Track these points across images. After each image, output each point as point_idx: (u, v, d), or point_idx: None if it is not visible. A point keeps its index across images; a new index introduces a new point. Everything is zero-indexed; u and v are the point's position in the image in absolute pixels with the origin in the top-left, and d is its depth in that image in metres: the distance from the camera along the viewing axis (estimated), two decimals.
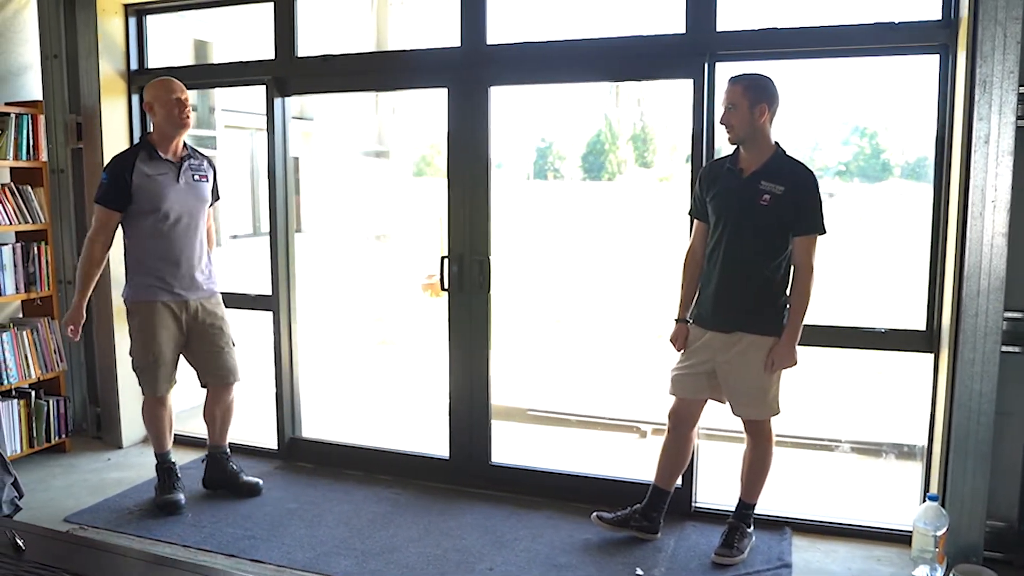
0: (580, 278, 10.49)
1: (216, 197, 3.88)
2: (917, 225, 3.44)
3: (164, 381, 3.73)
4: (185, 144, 3.74)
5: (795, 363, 3.15)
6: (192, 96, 6.09)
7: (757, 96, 3.06)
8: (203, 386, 3.89)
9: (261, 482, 4.01)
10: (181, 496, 3.77)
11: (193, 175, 3.70)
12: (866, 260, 9.20)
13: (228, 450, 4.02)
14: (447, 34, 3.91)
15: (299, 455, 4.37)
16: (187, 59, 5.71)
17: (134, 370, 3.74)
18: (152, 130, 3.71)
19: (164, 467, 3.83)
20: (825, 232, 3.08)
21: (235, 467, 4.01)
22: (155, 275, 3.62)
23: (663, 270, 3.66)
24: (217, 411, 3.93)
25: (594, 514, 3.50)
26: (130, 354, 3.74)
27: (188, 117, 3.64)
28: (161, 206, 3.57)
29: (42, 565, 2.49)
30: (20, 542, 2.57)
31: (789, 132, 3.21)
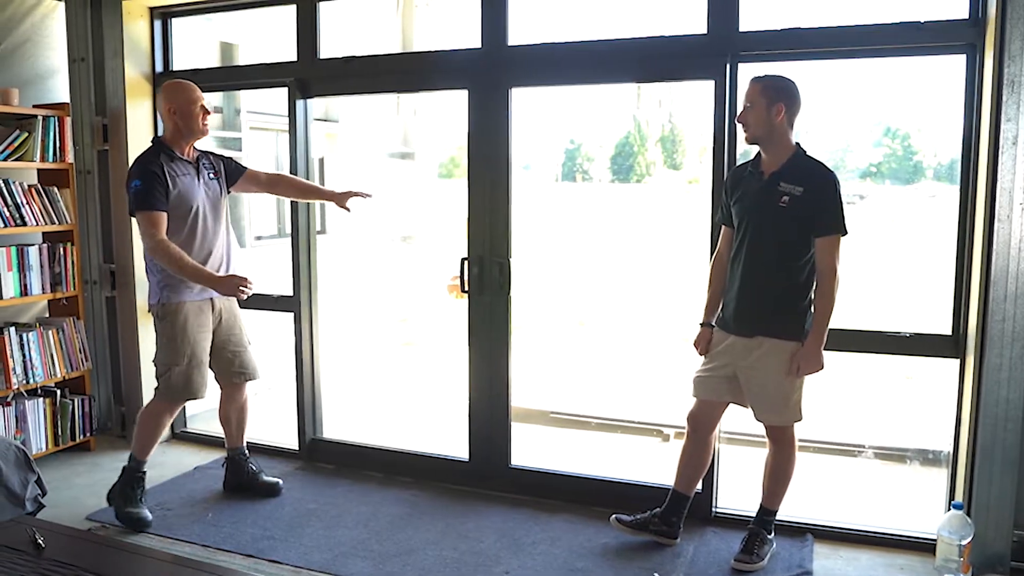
0: (606, 280, 10.45)
1: (242, 168, 3.88)
2: (948, 228, 3.36)
3: (202, 383, 3.67)
4: (194, 146, 3.74)
5: (821, 368, 3.10)
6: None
7: (775, 96, 3.03)
8: (221, 386, 3.90)
9: (280, 482, 4.03)
10: (149, 513, 3.65)
11: (208, 174, 3.71)
12: (897, 263, 9.07)
13: (247, 451, 4.04)
14: (470, 35, 3.90)
15: (320, 456, 4.38)
16: (213, 61, 5.76)
17: (161, 376, 3.62)
18: (164, 133, 3.66)
19: (137, 474, 3.69)
20: (846, 233, 3.03)
21: (254, 467, 4.03)
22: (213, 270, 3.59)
23: (690, 273, 3.62)
24: (232, 411, 3.95)
25: (613, 516, 3.48)
26: (157, 360, 3.64)
27: (207, 124, 3.64)
28: (192, 206, 3.56)
29: (60, 563, 2.52)
30: (40, 540, 2.61)
31: (820, 134, 3.16)
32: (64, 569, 2.48)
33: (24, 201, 4.16)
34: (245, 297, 3.50)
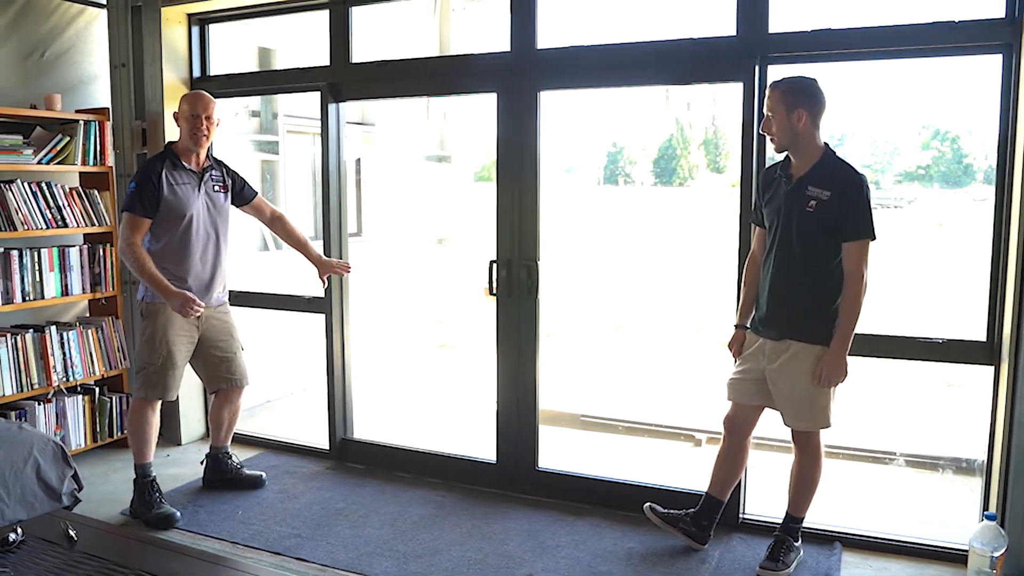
0: (644, 284, 10.40)
1: (253, 193, 3.99)
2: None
3: (173, 385, 3.73)
4: (208, 155, 3.82)
5: (845, 376, 3.05)
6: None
7: (793, 101, 2.98)
8: (212, 392, 4.00)
9: (264, 475, 4.14)
10: (173, 509, 3.72)
11: (213, 186, 3.77)
12: (941, 267, 8.88)
13: (229, 449, 4.14)
14: (504, 39, 3.91)
15: (350, 456, 4.43)
16: (251, 66, 5.84)
17: (138, 372, 3.72)
18: (178, 139, 3.76)
19: (147, 480, 3.75)
20: (875, 238, 2.97)
21: (236, 463, 4.13)
22: (172, 279, 3.60)
23: (728, 277, 3.59)
24: (226, 414, 4.04)
25: (647, 504, 3.47)
26: (136, 357, 3.76)
27: (205, 135, 3.68)
28: (185, 214, 3.63)
29: (91, 556, 2.58)
30: (73, 533, 2.68)
31: (865, 136, 3.11)
32: (94, 562, 2.54)
33: (66, 203, 4.27)
34: (194, 316, 3.60)
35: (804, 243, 3.05)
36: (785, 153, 3.12)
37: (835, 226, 2.98)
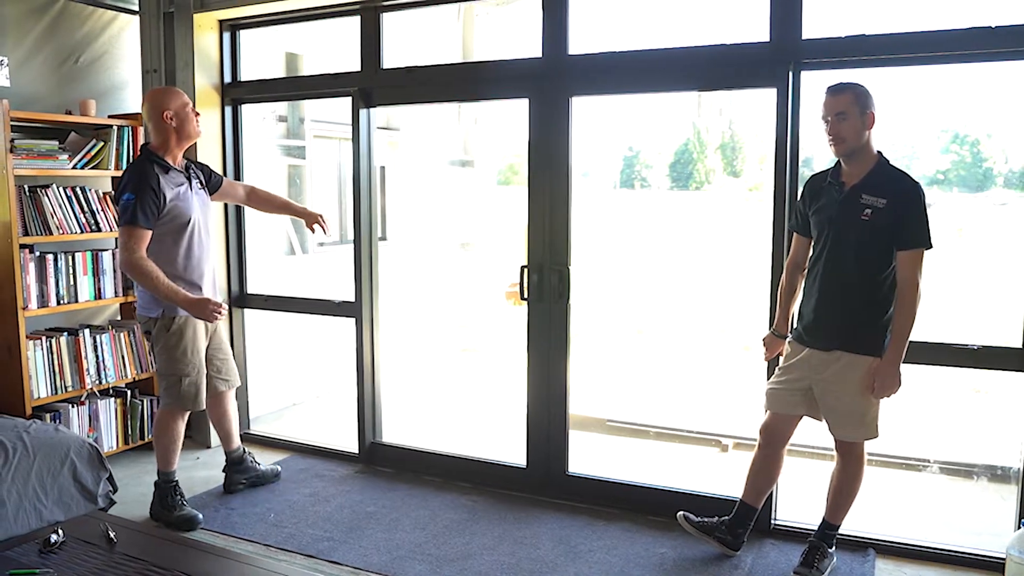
0: (664, 288, 10.38)
1: (220, 179, 3.94)
2: (1021, 236, 3.26)
3: (203, 392, 3.75)
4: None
5: (899, 387, 3.02)
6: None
7: (866, 103, 2.95)
8: (210, 396, 3.91)
9: (280, 468, 4.22)
10: (194, 511, 3.74)
11: (197, 183, 3.72)
12: (966, 273, 8.83)
13: (243, 448, 4.17)
14: (529, 44, 3.92)
15: (379, 460, 4.45)
16: (279, 71, 5.88)
17: (169, 387, 3.66)
18: (154, 141, 3.59)
19: (169, 485, 3.77)
20: (931, 246, 2.93)
21: (253, 460, 4.18)
22: (187, 285, 3.56)
23: (749, 281, 3.58)
24: (229, 416, 4.07)
25: (681, 513, 3.46)
26: (162, 371, 3.66)
27: (199, 127, 3.66)
28: (188, 219, 3.57)
29: (131, 557, 2.61)
30: (112, 534, 2.71)
31: (884, 140, 3.09)
32: (135, 563, 2.57)
33: (99, 208, 4.31)
34: (218, 320, 3.54)
35: (858, 252, 3.01)
36: (836, 161, 3.09)
37: (891, 235, 2.95)
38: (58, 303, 4.15)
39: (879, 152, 3.03)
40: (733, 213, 13.11)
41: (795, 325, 3.28)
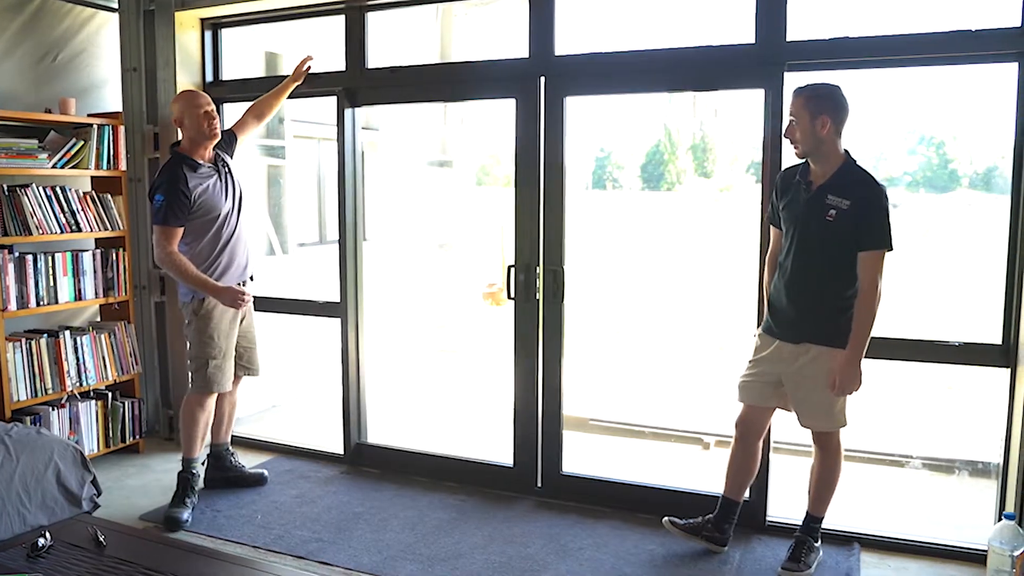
0: (640, 288, 10.42)
1: (233, 136, 4.03)
2: (988, 236, 3.34)
3: (230, 376, 3.84)
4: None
5: (859, 385, 3.07)
6: None
7: (818, 107, 3.00)
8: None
9: (266, 472, 4.20)
10: (184, 514, 3.73)
11: (229, 171, 3.82)
12: (934, 272, 8.98)
13: (230, 446, 4.18)
14: (513, 45, 3.93)
15: (365, 460, 4.43)
16: (259, 71, 5.84)
17: (197, 370, 3.76)
18: (182, 142, 3.74)
19: (190, 473, 3.83)
20: (891, 249, 2.98)
21: (238, 461, 4.17)
22: (219, 275, 3.72)
23: (724, 280, 3.62)
24: (227, 406, 4.09)
25: (666, 518, 3.49)
26: (191, 354, 3.79)
27: (216, 128, 3.71)
28: (218, 212, 3.70)
29: (121, 560, 2.59)
30: (101, 538, 2.68)
31: (853, 141, 3.14)
32: (125, 566, 2.54)
33: (80, 208, 4.26)
34: (244, 306, 3.72)
35: (823, 251, 3.07)
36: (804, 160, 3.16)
37: (853, 235, 3.00)
38: (38, 304, 4.09)
39: (846, 152, 3.08)
40: (704, 213, 13.21)
41: (765, 317, 3.33)
